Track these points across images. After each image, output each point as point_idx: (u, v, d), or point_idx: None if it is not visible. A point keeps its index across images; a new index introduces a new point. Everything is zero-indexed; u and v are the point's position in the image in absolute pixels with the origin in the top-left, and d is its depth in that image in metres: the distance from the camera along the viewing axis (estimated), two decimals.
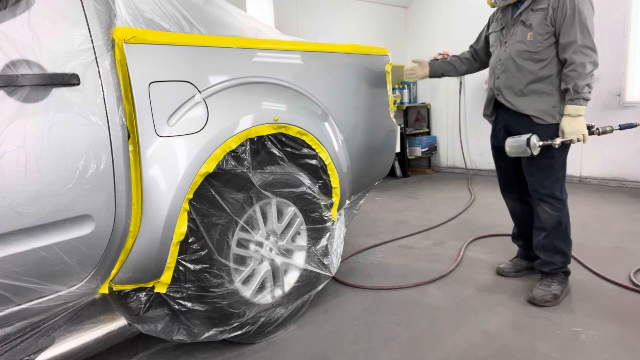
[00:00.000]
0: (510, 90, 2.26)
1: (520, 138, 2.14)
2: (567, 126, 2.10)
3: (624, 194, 4.46)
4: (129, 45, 1.45)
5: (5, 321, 1.34)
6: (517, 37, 2.22)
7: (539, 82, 2.18)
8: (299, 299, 2.10)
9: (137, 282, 1.62)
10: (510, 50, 2.24)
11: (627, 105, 4.65)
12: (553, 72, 2.16)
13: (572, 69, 2.06)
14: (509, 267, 2.58)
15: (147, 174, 1.51)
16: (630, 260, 2.68)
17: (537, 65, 2.18)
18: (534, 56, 2.17)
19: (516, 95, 2.24)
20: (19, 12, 1.24)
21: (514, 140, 2.17)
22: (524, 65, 2.20)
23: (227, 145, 1.70)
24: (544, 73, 2.17)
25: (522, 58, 2.20)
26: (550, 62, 2.16)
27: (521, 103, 2.23)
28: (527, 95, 2.22)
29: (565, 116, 2.11)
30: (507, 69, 2.26)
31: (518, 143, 2.14)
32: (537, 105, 2.19)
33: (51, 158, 1.28)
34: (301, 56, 2.08)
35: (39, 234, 1.29)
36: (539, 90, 2.19)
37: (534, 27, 2.15)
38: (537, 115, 2.19)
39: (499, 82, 2.30)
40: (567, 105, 2.10)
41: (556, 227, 2.26)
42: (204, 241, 1.71)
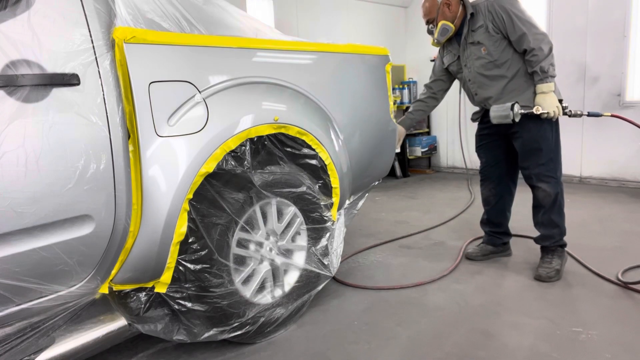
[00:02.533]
0: (492, 98, 2.54)
1: (504, 105, 2.37)
2: (542, 102, 2.36)
3: (624, 194, 4.46)
4: (129, 45, 1.45)
5: (5, 321, 1.34)
6: (473, 56, 2.54)
7: (512, 81, 2.47)
8: (299, 299, 2.10)
9: (137, 282, 1.62)
10: (474, 68, 2.54)
11: (627, 105, 4.65)
12: (518, 67, 2.45)
13: (533, 55, 2.35)
14: (476, 252, 2.86)
15: (147, 174, 1.51)
16: (630, 260, 2.68)
17: (502, 68, 2.47)
18: (496, 62, 2.47)
19: (499, 99, 2.51)
20: (19, 12, 1.24)
21: (498, 106, 2.39)
22: (492, 74, 2.50)
23: (227, 145, 1.70)
24: (512, 71, 2.46)
25: (487, 69, 2.51)
26: (511, 60, 2.45)
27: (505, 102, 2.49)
28: (507, 94, 2.49)
29: (538, 94, 2.38)
30: (481, 84, 2.56)
31: (502, 108, 2.36)
32: (520, 100, 2.45)
33: (51, 158, 1.28)
34: (301, 56, 2.08)
35: (39, 234, 1.29)
36: (515, 87, 2.47)
37: (483, 42, 2.47)
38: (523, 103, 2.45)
39: (478, 97, 2.61)
40: (538, 85, 2.38)
41: (553, 203, 2.50)
42: (204, 241, 1.71)
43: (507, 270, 2.67)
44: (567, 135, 5.01)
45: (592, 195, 4.43)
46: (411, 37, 6.45)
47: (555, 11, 4.97)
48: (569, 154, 5.02)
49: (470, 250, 2.88)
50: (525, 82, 2.46)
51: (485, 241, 2.90)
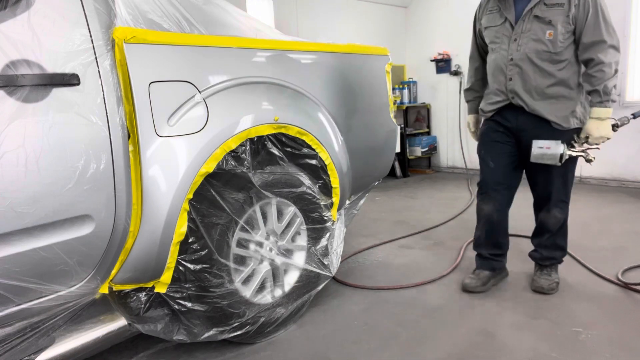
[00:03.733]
0: (528, 94, 2.10)
1: (552, 149, 2.01)
2: (595, 130, 2.00)
3: (624, 194, 4.46)
4: (129, 45, 1.45)
5: (5, 321, 1.34)
6: (532, 34, 2.03)
7: (558, 85, 2.07)
8: (299, 299, 2.10)
9: (137, 282, 1.62)
10: (526, 49, 2.05)
11: (627, 105, 4.65)
12: (570, 74, 2.06)
13: (599, 69, 1.95)
14: (475, 283, 2.37)
15: (147, 174, 1.51)
16: (630, 260, 2.68)
17: (556, 66, 2.05)
18: (553, 57, 2.03)
19: (534, 99, 2.10)
20: (19, 12, 1.24)
21: (547, 143, 2.04)
22: (543, 67, 2.05)
23: (227, 145, 1.70)
24: (563, 75, 2.06)
25: (540, 59, 2.04)
26: (568, 63, 2.05)
27: (540, 107, 2.10)
28: (546, 99, 2.09)
29: (592, 120, 2.01)
30: (524, 71, 2.09)
31: (551, 152, 2.02)
32: (557, 110, 2.08)
33: (51, 158, 1.28)
34: (301, 56, 2.08)
35: (39, 234, 1.29)
36: (557, 93, 2.08)
37: (555, 25, 1.98)
38: (557, 121, 2.09)
39: (512, 84, 2.13)
40: (595, 108, 2.00)
41: (560, 227, 2.31)
42: (204, 241, 1.71)
43: None
44: None
45: (592, 195, 4.43)
46: (411, 37, 6.45)
47: None
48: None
49: (467, 281, 2.39)
50: (567, 95, 2.08)
51: (483, 266, 2.43)
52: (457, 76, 6.00)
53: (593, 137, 2.01)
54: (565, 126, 2.10)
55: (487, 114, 2.30)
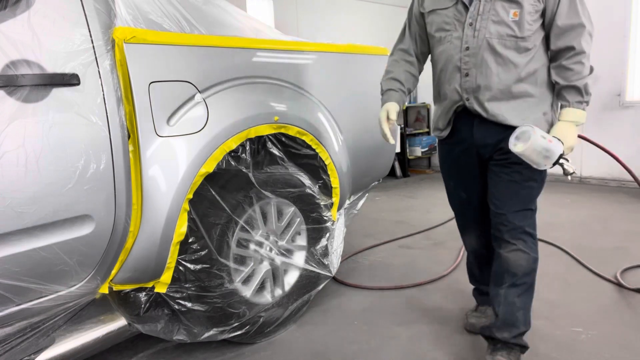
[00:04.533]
0: (489, 93, 1.58)
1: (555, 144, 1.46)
2: (572, 137, 1.53)
3: (624, 194, 4.46)
4: (129, 45, 1.45)
5: (5, 321, 1.34)
6: (493, 15, 1.54)
7: (526, 81, 1.58)
8: (299, 299, 2.10)
9: (137, 282, 1.62)
10: (486, 34, 1.55)
11: (627, 105, 4.65)
12: (539, 65, 1.59)
13: (578, 61, 1.52)
14: (483, 321, 1.96)
15: (147, 174, 1.51)
16: (630, 260, 2.68)
17: (524, 56, 1.56)
18: (520, 43, 1.54)
19: (497, 100, 1.58)
20: (19, 12, 1.24)
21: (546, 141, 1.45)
22: (507, 56, 1.55)
23: (227, 145, 1.70)
24: (531, 68, 1.57)
25: (504, 46, 1.55)
26: (536, 52, 1.58)
27: (504, 111, 1.58)
28: (511, 100, 1.58)
29: (566, 123, 1.54)
30: (483, 62, 1.57)
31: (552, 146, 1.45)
32: (525, 113, 1.58)
33: (51, 158, 1.28)
34: (301, 56, 2.08)
35: (39, 234, 1.29)
36: (525, 92, 1.58)
37: (521, 2, 1.51)
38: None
39: (469, 82, 1.60)
40: (571, 109, 1.54)
41: (528, 272, 1.68)
42: (204, 241, 1.71)
43: None
44: None
45: (592, 195, 4.43)
46: None
47: None
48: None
49: (473, 320, 1.99)
50: (536, 93, 1.60)
51: (485, 302, 2.00)
52: None
53: (567, 145, 1.51)
54: None
55: (441, 133, 1.77)
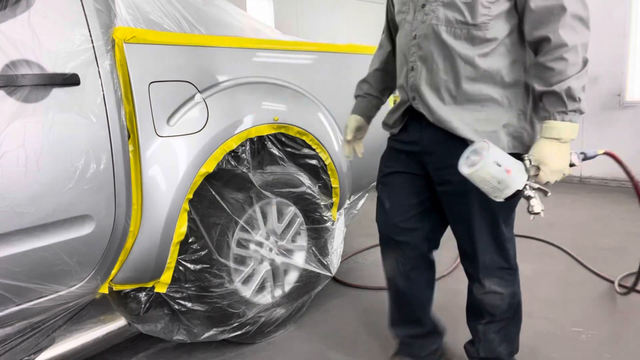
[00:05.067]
0: (435, 93, 1.29)
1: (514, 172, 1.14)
2: (553, 158, 1.17)
3: (624, 194, 4.45)
4: (129, 45, 1.46)
5: (5, 321, 1.34)
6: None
7: (482, 81, 1.24)
8: (299, 299, 2.10)
9: (137, 282, 1.62)
10: (432, 20, 1.25)
11: (627, 105, 4.65)
12: (503, 63, 1.24)
13: (558, 57, 1.14)
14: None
15: (147, 174, 1.52)
16: (630, 260, 2.68)
17: (479, 49, 1.22)
18: (473, 32, 1.21)
19: (444, 103, 1.28)
20: (19, 12, 1.24)
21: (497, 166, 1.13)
22: (456, 49, 1.23)
23: (227, 145, 1.70)
24: (490, 65, 1.23)
25: (453, 35, 1.23)
26: (500, 46, 1.23)
27: (451, 116, 1.27)
28: (462, 103, 1.27)
29: (547, 141, 1.18)
30: (429, 54, 1.28)
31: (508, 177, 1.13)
32: (478, 121, 1.26)
33: (51, 158, 1.28)
34: (301, 56, 2.08)
35: (39, 234, 1.29)
36: (481, 95, 1.25)
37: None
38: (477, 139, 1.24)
39: (414, 78, 1.33)
40: (551, 123, 1.17)
41: (508, 308, 1.46)
42: (204, 241, 1.71)
43: None
44: None
45: (592, 195, 4.43)
46: None
47: None
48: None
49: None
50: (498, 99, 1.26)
51: (401, 352, 1.68)
52: None
53: (548, 169, 1.17)
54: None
55: (391, 129, 1.52)
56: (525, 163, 1.19)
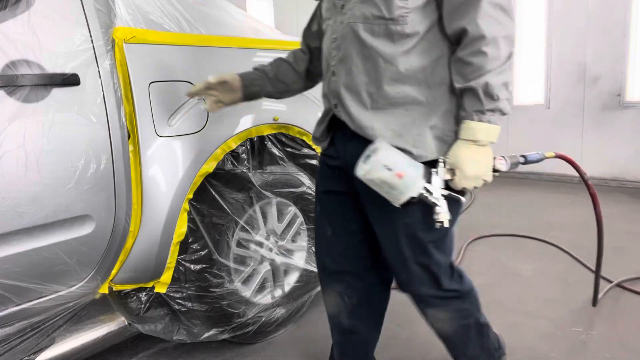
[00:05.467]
0: (355, 97, 1.18)
1: (408, 174, 1.07)
2: (468, 163, 1.08)
3: (624, 194, 4.45)
4: (129, 45, 1.46)
5: (5, 321, 1.34)
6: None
7: (405, 82, 1.13)
8: (299, 299, 2.10)
9: (137, 282, 1.62)
10: (351, 19, 1.16)
11: (627, 105, 4.65)
12: (426, 61, 1.12)
13: (476, 50, 1.04)
14: None
15: (147, 174, 1.52)
16: (630, 260, 2.68)
17: (398, 46, 1.11)
18: (392, 28, 1.10)
19: (365, 108, 1.16)
20: (19, 12, 1.24)
21: (388, 170, 1.06)
22: (375, 47, 1.12)
23: (227, 145, 1.70)
24: (413, 63, 1.12)
25: (371, 33, 1.12)
26: (423, 40, 1.12)
27: (374, 121, 1.15)
28: (387, 108, 1.15)
29: (464, 143, 1.09)
30: (348, 56, 1.18)
31: (393, 184, 1.06)
32: (402, 125, 1.14)
33: (51, 158, 1.28)
34: None
35: (39, 234, 1.29)
36: (406, 97, 1.13)
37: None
38: (403, 145, 1.13)
39: (334, 82, 1.23)
40: (469, 123, 1.08)
41: (461, 332, 1.35)
42: (204, 241, 1.71)
43: (507, 270, 2.67)
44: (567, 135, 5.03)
45: None
46: None
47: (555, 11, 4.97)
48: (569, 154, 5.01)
49: None
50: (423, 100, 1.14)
51: None
52: None
53: (463, 174, 1.08)
54: (417, 154, 1.13)
55: (320, 143, 1.38)
56: (439, 166, 1.10)
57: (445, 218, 1.06)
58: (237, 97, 1.44)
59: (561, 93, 5.07)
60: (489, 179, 1.12)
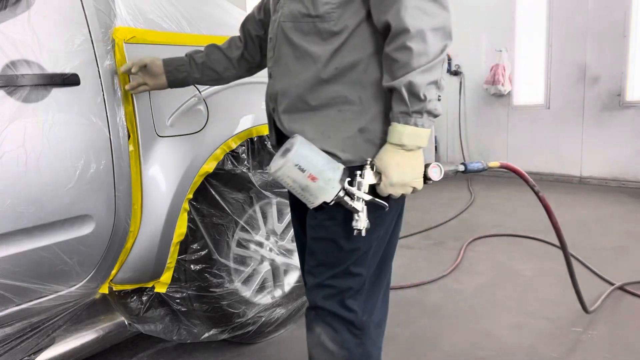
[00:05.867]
0: (286, 101, 1.10)
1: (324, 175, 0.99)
2: (394, 168, 1.00)
3: (624, 194, 4.46)
4: (129, 45, 1.45)
5: (5, 321, 1.34)
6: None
7: (336, 81, 1.05)
8: (299, 299, 2.10)
9: (137, 282, 1.62)
10: (281, 18, 1.10)
11: (627, 105, 4.65)
12: (359, 58, 1.04)
13: (400, 46, 0.95)
14: None
15: (147, 174, 1.52)
16: (630, 260, 2.68)
17: (328, 44, 1.04)
18: (319, 25, 1.03)
19: (297, 111, 1.09)
20: (19, 12, 1.24)
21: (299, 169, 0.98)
22: (304, 46, 1.06)
23: (227, 145, 1.70)
24: (342, 62, 1.04)
25: (301, 31, 1.06)
26: (352, 37, 1.03)
27: (305, 124, 1.08)
28: (318, 110, 1.07)
29: (391, 147, 1.00)
30: (281, 57, 1.12)
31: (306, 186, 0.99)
32: (332, 128, 1.06)
33: (51, 158, 1.28)
34: None
35: (39, 234, 1.29)
36: (337, 97, 1.05)
37: None
38: (332, 149, 1.05)
39: (271, 86, 1.18)
40: (395, 126, 0.99)
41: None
42: (204, 241, 1.71)
43: (507, 270, 2.67)
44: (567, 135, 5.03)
45: (592, 195, 4.43)
46: None
47: (555, 11, 4.97)
48: (569, 153, 5.02)
49: None
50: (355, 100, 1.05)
51: None
52: (457, 76, 5.99)
53: (388, 180, 1.00)
54: (345, 159, 1.05)
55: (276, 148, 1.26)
56: (366, 169, 1.01)
57: (364, 226, 0.99)
58: (161, 82, 1.39)
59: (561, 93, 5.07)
60: (418, 186, 1.05)
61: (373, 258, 1.12)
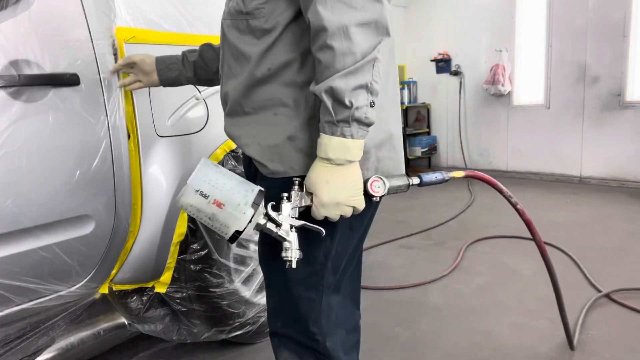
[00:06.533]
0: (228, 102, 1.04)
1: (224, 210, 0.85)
2: (322, 189, 0.87)
3: (624, 194, 4.46)
4: (129, 45, 1.45)
5: (5, 321, 1.34)
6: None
7: (271, 81, 0.95)
8: None
9: (137, 282, 1.62)
10: (223, 14, 1.06)
11: (627, 105, 4.66)
12: (292, 57, 0.94)
13: (322, 45, 0.83)
14: None
15: (147, 174, 1.52)
16: (630, 260, 2.68)
17: (262, 42, 0.95)
18: (252, 23, 0.95)
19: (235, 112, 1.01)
20: (19, 12, 1.24)
21: (191, 198, 0.85)
22: (239, 45, 0.98)
23: (227, 145, 1.70)
24: (274, 61, 0.94)
25: (238, 30, 0.99)
26: (284, 35, 0.94)
27: (242, 129, 1.00)
28: (255, 113, 0.98)
29: (317, 162, 0.88)
30: (223, 58, 1.06)
31: (212, 214, 0.86)
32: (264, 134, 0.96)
33: (51, 158, 1.28)
34: None
35: (39, 234, 1.29)
36: (272, 99, 0.95)
37: None
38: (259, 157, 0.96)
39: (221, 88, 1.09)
40: (321, 137, 0.86)
41: None
42: (204, 241, 1.71)
43: (507, 270, 2.67)
44: (567, 135, 5.03)
45: (592, 195, 4.43)
46: (411, 37, 6.45)
47: (555, 11, 4.97)
48: (569, 153, 5.03)
49: None
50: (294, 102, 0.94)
51: None
52: (457, 76, 6.00)
53: (318, 201, 0.87)
54: (273, 169, 0.95)
55: None
56: (293, 189, 0.88)
57: (295, 256, 0.86)
58: (153, 79, 1.34)
59: (561, 93, 5.08)
60: (358, 205, 0.89)
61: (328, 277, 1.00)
